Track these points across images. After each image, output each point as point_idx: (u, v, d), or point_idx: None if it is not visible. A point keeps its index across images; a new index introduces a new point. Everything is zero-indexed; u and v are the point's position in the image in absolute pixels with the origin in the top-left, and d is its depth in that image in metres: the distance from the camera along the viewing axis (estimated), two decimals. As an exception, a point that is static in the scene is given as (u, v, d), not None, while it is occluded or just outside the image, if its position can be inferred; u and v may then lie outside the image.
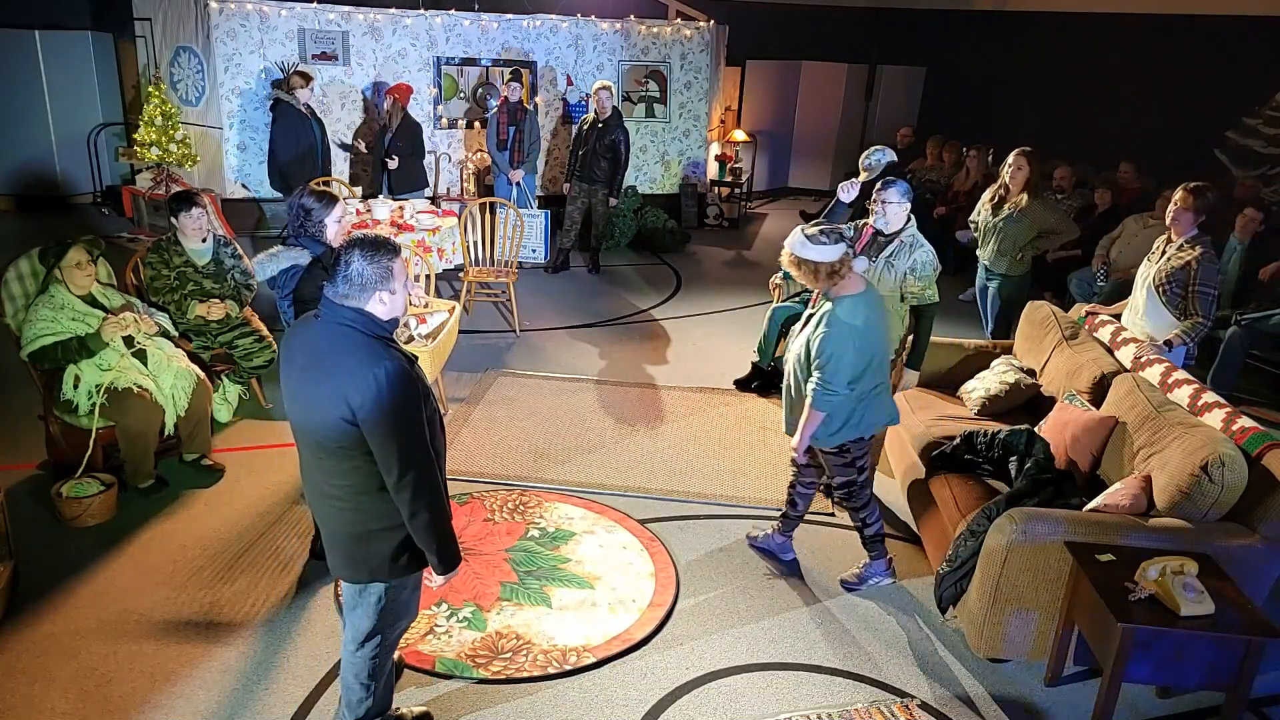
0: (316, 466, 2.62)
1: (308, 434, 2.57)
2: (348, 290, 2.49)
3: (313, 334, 2.55)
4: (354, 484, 2.58)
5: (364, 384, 2.41)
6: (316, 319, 2.56)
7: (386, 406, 2.43)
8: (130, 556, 4.01)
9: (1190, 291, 4.60)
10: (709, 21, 10.28)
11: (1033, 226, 5.78)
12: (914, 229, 4.40)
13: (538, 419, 5.53)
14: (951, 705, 3.40)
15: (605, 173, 8.24)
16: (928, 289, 4.36)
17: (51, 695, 3.21)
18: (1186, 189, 4.65)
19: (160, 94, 8.47)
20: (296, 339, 2.61)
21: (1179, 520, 3.41)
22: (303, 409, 2.55)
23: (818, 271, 3.57)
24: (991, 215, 5.90)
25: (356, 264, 2.48)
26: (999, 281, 6.01)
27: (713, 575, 4.11)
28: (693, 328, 7.36)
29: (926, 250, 4.36)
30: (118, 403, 4.28)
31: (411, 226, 6.92)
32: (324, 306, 2.54)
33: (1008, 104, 11.00)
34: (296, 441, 2.68)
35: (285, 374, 2.61)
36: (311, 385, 2.50)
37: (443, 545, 2.65)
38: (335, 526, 2.68)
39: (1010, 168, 5.80)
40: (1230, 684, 3.04)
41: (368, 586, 2.73)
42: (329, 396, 2.46)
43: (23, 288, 4.45)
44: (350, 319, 2.49)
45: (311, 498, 2.74)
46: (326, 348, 2.50)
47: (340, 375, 2.44)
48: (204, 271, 4.98)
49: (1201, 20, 8.80)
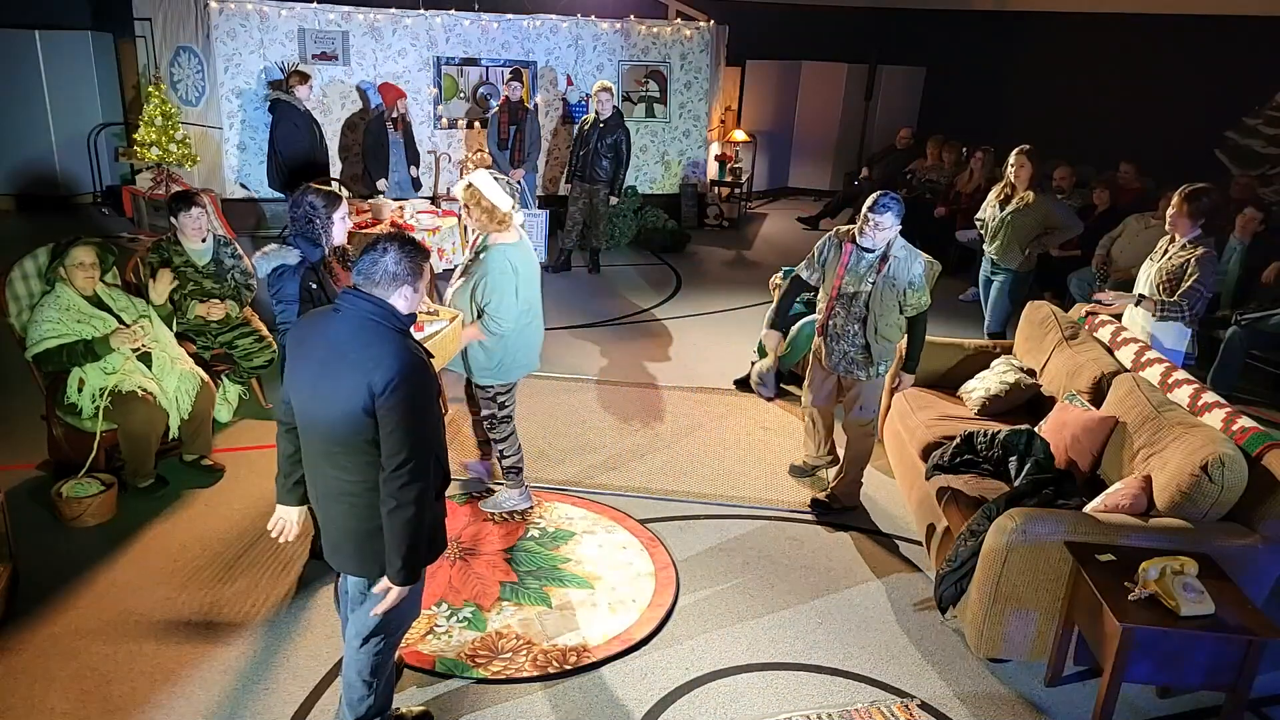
0: (330, 463, 2.61)
1: (324, 428, 2.56)
2: (379, 279, 2.53)
3: (332, 326, 2.55)
4: (370, 479, 2.58)
5: (388, 370, 2.45)
6: (336, 312, 2.55)
7: (403, 392, 2.46)
8: (130, 556, 4.01)
9: (1183, 282, 4.59)
10: (709, 21, 10.29)
11: (1038, 222, 5.96)
12: (901, 241, 4.29)
13: (538, 419, 5.52)
14: (951, 705, 3.40)
15: (607, 173, 8.25)
16: (924, 297, 4.34)
17: (51, 695, 3.21)
18: (1182, 193, 4.66)
19: (160, 94, 8.47)
20: (313, 332, 2.60)
21: (1179, 520, 3.41)
22: (321, 402, 2.54)
23: (492, 214, 3.98)
24: (999, 211, 6.08)
25: (393, 255, 2.53)
26: (1004, 276, 6.18)
27: (713, 575, 4.11)
28: (693, 328, 7.36)
29: (920, 261, 4.32)
30: (121, 406, 4.27)
31: (412, 226, 6.92)
32: (345, 299, 2.55)
33: (1008, 104, 11.01)
34: (305, 438, 2.66)
35: (300, 368, 2.60)
36: (332, 378, 2.51)
37: (413, 549, 2.58)
38: (347, 524, 2.67)
39: (1013, 167, 6.02)
40: (1230, 684, 3.04)
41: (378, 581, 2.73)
42: (352, 387, 2.47)
43: (27, 288, 4.44)
44: (374, 311, 2.53)
45: (320, 496, 2.73)
46: (350, 339, 2.51)
47: (365, 364, 2.47)
48: (204, 271, 4.98)
49: (1201, 20, 8.80)
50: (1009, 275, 6.14)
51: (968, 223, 8.89)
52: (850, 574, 4.18)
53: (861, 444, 4.58)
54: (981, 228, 6.31)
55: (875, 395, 4.55)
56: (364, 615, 2.79)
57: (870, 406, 4.53)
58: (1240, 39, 8.47)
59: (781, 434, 5.46)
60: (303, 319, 2.73)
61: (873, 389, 4.50)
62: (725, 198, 10.92)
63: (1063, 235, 6.18)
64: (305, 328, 2.65)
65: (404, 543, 2.57)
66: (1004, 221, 6.03)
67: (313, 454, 2.66)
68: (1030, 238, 6.01)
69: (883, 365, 4.43)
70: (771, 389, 5.88)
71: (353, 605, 2.85)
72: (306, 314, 2.84)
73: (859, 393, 4.48)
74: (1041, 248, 6.13)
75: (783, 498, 4.78)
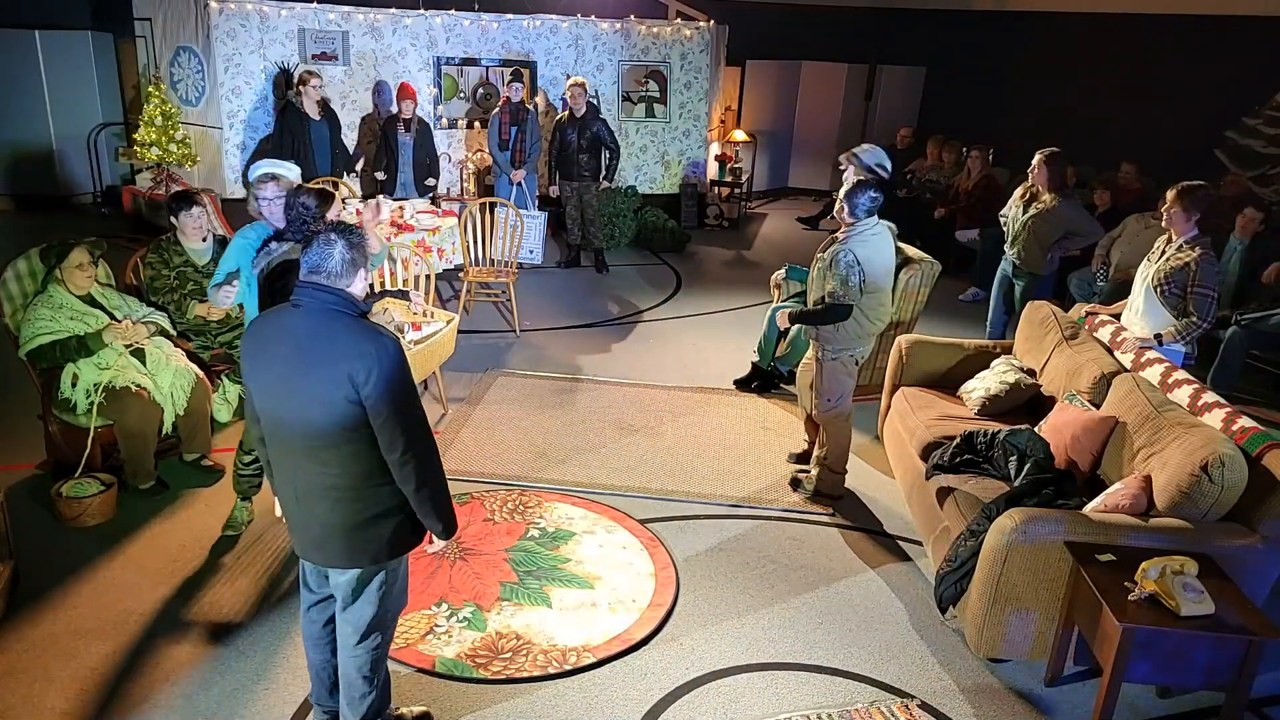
0: (311, 459, 2.57)
1: (300, 426, 2.53)
2: (337, 269, 2.52)
3: (292, 323, 2.53)
4: (356, 471, 2.58)
5: (368, 360, 2.45)
6: (297, 308, 2.53)
7: (391, 379, 2.48)
8: (130, 556, 4.01)
9: (1189, 293, 4.61)
10: (709, 21, 10.28)
11: (1058, 226, 5.96)
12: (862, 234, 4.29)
13: (538, 419, 5.53)
14: (951, 705, 3.40)
15: (591, 168, 8.26)
16: (840, 288, 4.26)
17: (51, 695, 3.21)
18: (1177, 189, 4.68)
19: (160, 94, 8.47)
20: (272, 329, 2.57)
21: (1179, 520, 3.41)
22: (296, 400, 2.51)
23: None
24: (1021, 213, 6.09)
25: (343, 244, 2.54)
26: (1026, 280, 6.18)
27: (713, 575, 4.11)
28: (693, 328, 7.36)
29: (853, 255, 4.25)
30: (116, 401, 4.28)
31: (411, 226, 6.92)
32: (304, 293, 2.52)
33: (1008, 104, 11.00)
34: (277, 437, 2.61)
35: (262, 367, 2.56)
36: (302, 374, 2.48)
37: (445, 513, 2.70)
38: (334, 520, 2.65)
39: (1034, 169, 6.03)
40: (1230, 684, 3.04)
41: (366, 572, 2.74)
42: (329, 381, 2.46)
43: (21, 288, 4.45)
44: (337, 302, 2.52)
45: (299, 494, 2.66)
46: (316, 333, 2.49)
47: (340, 356, 2.46)
48: (204, 271, 4.98)
49: (1201, 20, 8.80)
50: (1030, 279, 6.15)
51: (968, 222, 8.91)
52: (850, 574, 4.18)
53: (829, 431, 4.63)
54: (1004, 225, 6.33)
55: (833, 380, 4.53)
56: (359, 610, 2.78)
57: (828, 392, 4.54)
58: (1240, 39, 8.47)
59: (781, 434, 5.46)
60: (255, 320, 2.67)
61: (830, 373, 4.51)
62: (725, 198, 10.92)
63: (1083, 240, 6.18)
64: (262, 327, 2.61)
65: (436, 509, 2.66)
66: (1024, 225, 6.04)
67: (287, 452, 2.62)
68: (1051, 241, 6.01)
69: (831, 348, 4.45)
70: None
71: (344, 604, 2.81)
72: (260, 315, 2.75)
73: (817, 375, 4.56)
74: (1064, 251, 6.14)
75: (783, 498, 4.78)
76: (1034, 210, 6.00)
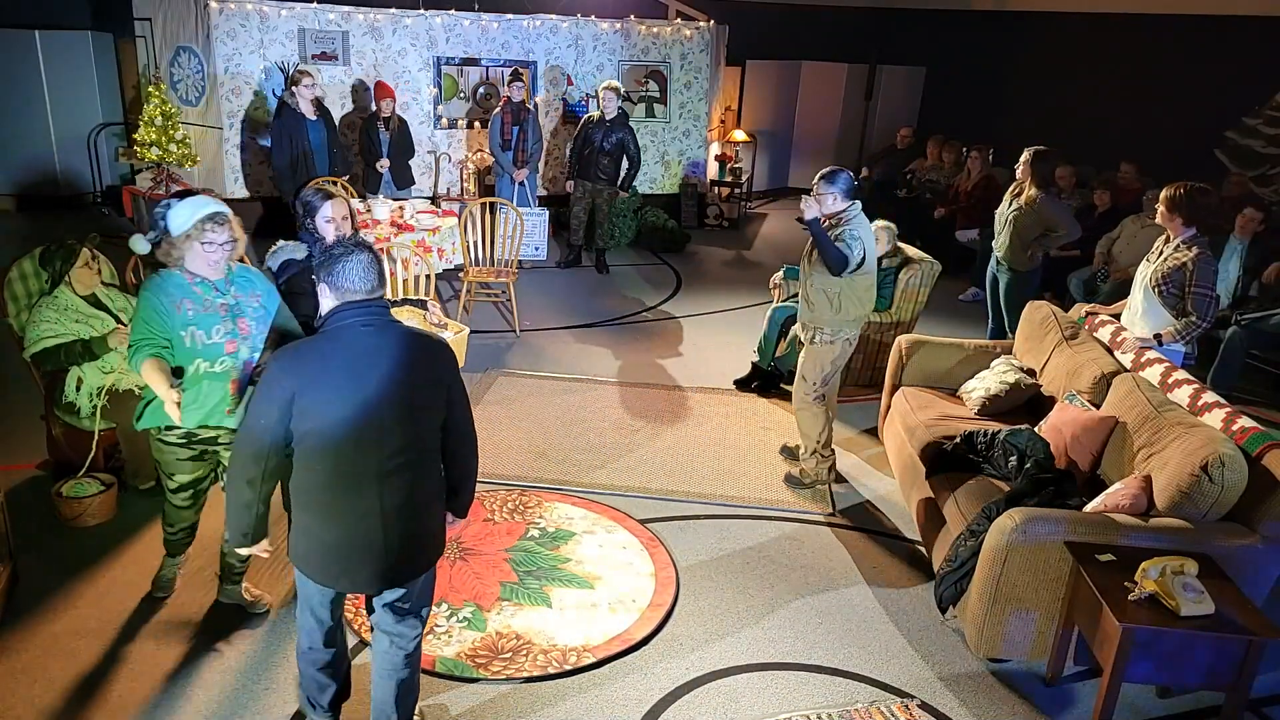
0: (411, 471, 2.57)
1: (399, 442, 2.51)
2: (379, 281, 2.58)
3: (377, 343, 2.49)
4: (440, 468, 2.74)
5: (448, 358, 2.64)
6: (372, 327, 2.49)
7: (454, 363, 2.68)
8: (130, 556, 4.01)
9: (1187, 292, 4.61)
10: (709, 21, 10.28)
11: (1038, 222, 5.95)
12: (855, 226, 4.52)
13: (538, 419, 5.53)
14: (951, 705, 3.40)
15: (609, 172, 8.26)
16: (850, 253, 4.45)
17: (51, 695, 3.21)
18: (1165, 196, 4.66)
19: (160, 94, 8.46)
20: (346, 353, 2.46)
21: (1179, 520, 3.41)
22: (393, 417, 2.48)
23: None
24: (1007, 208, 6.12)
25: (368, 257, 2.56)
26: (1009, 276, 6.18)
27: (713, 575, 4.11)
28: (693, 328, 7.36)
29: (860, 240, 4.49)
30: (120, 405, 4.27)
31: (411, 226, 6.92)
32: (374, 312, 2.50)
33: (1008, 104, 11.00)
34: (360, 461, 2.49)
35: (336, 393, 2.43)
36: (407, 389, 2.51)
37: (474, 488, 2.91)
38: (429, 523, 2.72)
39: (1021, 166, 6.06)
40: (1230, 684, 3.04)
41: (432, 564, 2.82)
42: (434, 385, 2.59)
43: (25, 288, 4.44)
44: (387, 314, 2.58)
45: (389, 510, 2.55)
46: (406, 345, 2.54)
47: (434, 361, 2.59)
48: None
49: (1201, 20, 8.80)
50: (1013, 275, 6.13)
51: (967, 222, 8.91)
52: (850, 574, 4.18)
53: (800, 420, 4.77)
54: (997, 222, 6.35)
55: (812, 363, 4.66)
56: (425, 603, 2.84)
57: (808, 374, 4.68)
58: (1240, 39, 8.47)
59: (782, 434, 5.46)
60: (302, 348, 2.52)
61: (811, 356, 4.65)
62: (725, 198, 10.92)
63: (1061, 239, 6.12)
64: (321, 353, 2.47)
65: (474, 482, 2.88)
66: (1006, 220, 6.05)
67: (373, 474, 2.51)
68: (1030, 238, 5.98)
69: (819, 333, 4.56)
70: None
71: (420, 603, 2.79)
72: (303, 344, 2.56)
73: (807, 360, 4.68)
74: (1043, 248, 6.10)
75: (783, 498, 4.78)
76: (1015, 206, 6.00)
